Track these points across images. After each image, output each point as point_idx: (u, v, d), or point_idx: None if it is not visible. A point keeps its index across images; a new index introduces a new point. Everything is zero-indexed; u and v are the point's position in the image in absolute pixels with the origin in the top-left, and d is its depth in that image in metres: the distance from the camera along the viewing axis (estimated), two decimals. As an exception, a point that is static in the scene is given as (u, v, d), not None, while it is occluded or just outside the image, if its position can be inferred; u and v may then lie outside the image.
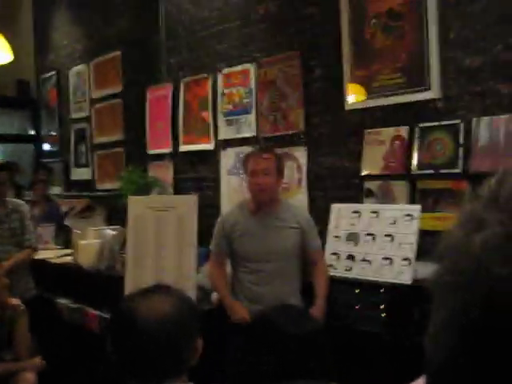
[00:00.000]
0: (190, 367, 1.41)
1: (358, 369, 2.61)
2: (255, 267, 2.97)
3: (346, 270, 3.03)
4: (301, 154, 3.91)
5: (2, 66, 4.71)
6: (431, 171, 3.15)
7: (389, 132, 3.38)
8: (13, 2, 7.34)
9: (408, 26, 3.31)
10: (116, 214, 5.15)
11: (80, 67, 6.35)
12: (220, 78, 4.53)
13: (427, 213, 3.05)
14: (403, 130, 3.32)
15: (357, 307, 2.86)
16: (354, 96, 3.58)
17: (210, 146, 4.64)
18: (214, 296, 3.45)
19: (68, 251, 4.80)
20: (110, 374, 1.49)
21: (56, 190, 6.61)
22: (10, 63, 4.64)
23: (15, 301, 3.47)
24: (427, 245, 2.84)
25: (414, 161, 3.23)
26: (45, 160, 7.17)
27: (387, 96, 3.40)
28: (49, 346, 3.88)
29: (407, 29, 3.31)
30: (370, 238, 3.01)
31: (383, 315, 2.75)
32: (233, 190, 4.44)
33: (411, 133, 3.27)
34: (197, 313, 1.49)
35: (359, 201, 3.42)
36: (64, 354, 4.09)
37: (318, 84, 3.79)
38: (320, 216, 3.69)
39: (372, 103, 3.49)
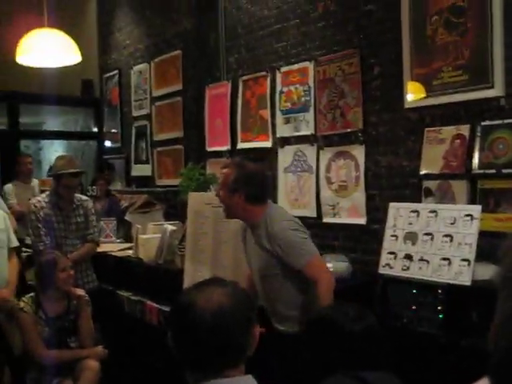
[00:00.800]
0: (248, 357, 1.44)
1: (414, 370, 2.59)
2: (256, 282, 2.92)
3: (403, 269, 3.00)
4: (359, 153, 3.89)
5: (68, 66, 4.89)
6: (493, 171, 3.08)
7: (449, 130, 3.32)
8: (78, 5, 7.60)
9: (471, 21, 3.23)
10: (175, 210, 5.27)
11: (141, 66, 6.51)
12: (278, 77, 4.55)
13: (488, 213, 2.99)
14: (464, 129, 3.25)
15: (414, 307, 2.83)
16: (413, 94, 3.53)
17: (267, 144, 4.68)
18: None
19: (128, 245, 4.95)
20: (170, 366, 1.54)
21: (117, 185, 6.82)
22: (76, 64, 4.82)
23: (79, 291, 3.62)
24: (487, 246, 2.78)
25: (475, 160, 3.16)
26: (106, 156, 7.40)
27: (448, 94, 3.34)
28: (110, 336, 4.02)
29: (470, 25, 3.24)
30: (428, 237, 2.97)
31: (441, 316, 2.71)
32: (290, 187, 4.46)
33: (473, 131, 3.20)
34: (252, 302, 1.53)
35: (417, 200, 3.37)
36: (125, 345, 4.22)
37: (377, 82, 3.76)
38: (377, 215, 3.67)
39: (432, 101, 3.44)
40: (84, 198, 4.36)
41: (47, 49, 4.45)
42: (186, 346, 1.40)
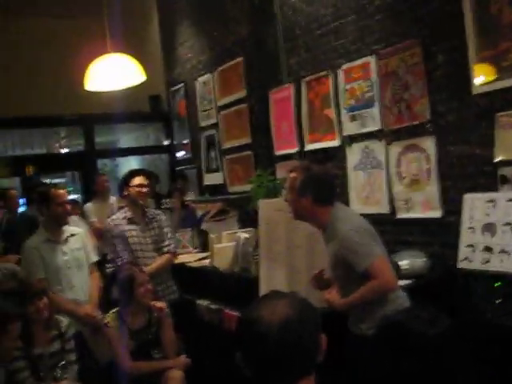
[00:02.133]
0: (317, 365, 1.43)
1: (500, 365, 2.48)
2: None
3: (484, 262, 2.88)
4: (428, 145, 3.77)
5: (136, 85, 5.05)
6: None
7: (524, 113, 3.16)
8: (141, 26, 7.86)
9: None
10: (249, 216, 5.30)
11: (205, 77, 6.62)
12: (340, 74, 4.50)
13: None
14: (540, 110, 3.09)
15: (498, 301, 2.71)
16: (481, 78, 3.39)
17: (335, 143, 4.63)
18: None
19: (205, 254, 5.02)
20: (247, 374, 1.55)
21: (191, 195, 6.95)
22: (143, 81, 4.97)
23: (160, 304, 3.71)
24: None
25: (554, 142, 3.00)
26: (179, 167, 7.58)
27: (519, 75, 3.18)
28: (192, 345, 4.09)
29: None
30: (507, 228, 2.84)
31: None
32: (360, 185, 4.39)
33: (549, 112, 3.03)
34: (315, 309, 1.51)
35: (493, 189, 3.23)
36: (206, 353, 4.28)
37: (442, 70, 3.64)
38: (452, 207, 3.54)
39: (503, 84, 3.28)
40: (157, 211, 4.47)
41: (112, 74, 4.65)
42: (255, 361, 1.40)
